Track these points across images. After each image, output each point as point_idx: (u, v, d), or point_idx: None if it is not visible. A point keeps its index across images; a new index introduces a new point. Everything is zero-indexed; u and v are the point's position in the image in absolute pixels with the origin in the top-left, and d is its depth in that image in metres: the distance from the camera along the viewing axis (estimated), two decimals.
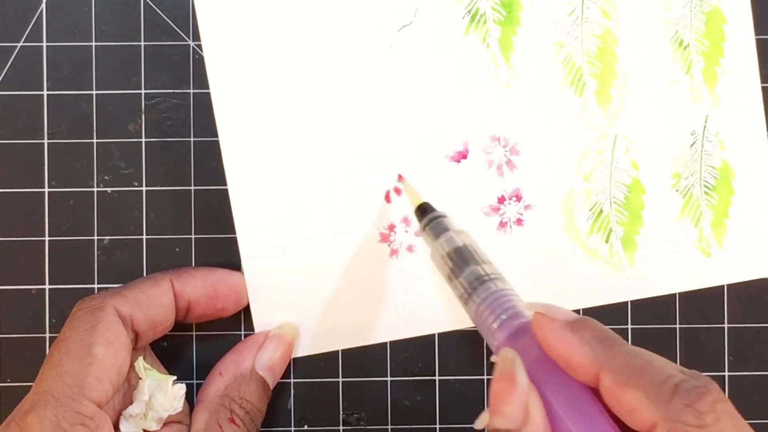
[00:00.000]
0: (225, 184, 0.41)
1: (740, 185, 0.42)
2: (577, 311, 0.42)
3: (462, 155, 0.41)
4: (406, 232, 0.41)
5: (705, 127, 0.42)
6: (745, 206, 0.42)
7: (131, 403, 0.36)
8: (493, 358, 0.31)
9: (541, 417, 0.29)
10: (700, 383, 0.27)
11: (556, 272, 0.42)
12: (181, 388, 0.37)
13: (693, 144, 0.42)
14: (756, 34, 0.42)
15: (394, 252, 0.41)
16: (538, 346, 0.30)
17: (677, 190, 0.42)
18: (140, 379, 0.37)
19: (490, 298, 0.32)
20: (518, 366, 0.29)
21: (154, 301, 0.37)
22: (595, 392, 0.29)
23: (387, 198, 0.41)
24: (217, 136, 0.41)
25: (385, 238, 0.41)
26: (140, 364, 0.37)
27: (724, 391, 0.42)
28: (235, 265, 0.41)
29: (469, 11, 0.41)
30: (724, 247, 0.42)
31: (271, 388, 0.40)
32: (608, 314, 0.42)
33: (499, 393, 0.29)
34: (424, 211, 0.38)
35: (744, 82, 0.42)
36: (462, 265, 0.34)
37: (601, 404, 0.29)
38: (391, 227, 0.41)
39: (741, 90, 0.42)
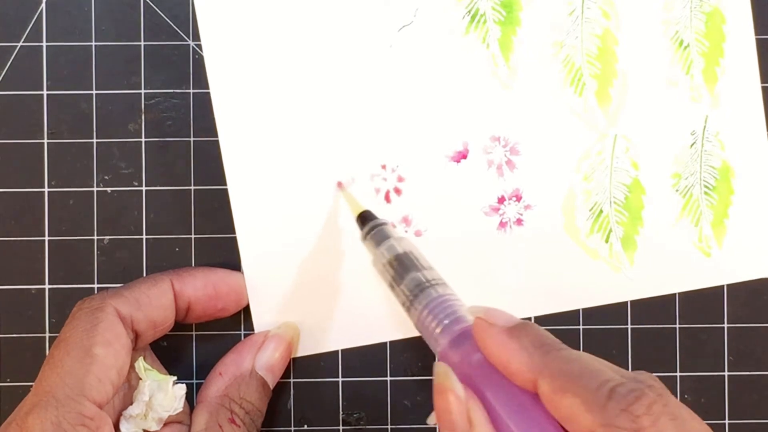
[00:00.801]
0: (225, 184, 0.41)
1: (740, 185, 0.42)
2: (577, 311, 0.42)
3: (462, 155, 0.41)
4: (406, 232, 0.41)
5: (705, 127, 0.42)
6: (745, 206, 0.42)
7: (131, 403, 0.36)
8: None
9: (485, 423, 0.28)
10: (637, 386, 0.26)
11: (556, 272, 0.42)
12: (182, 389, 0.37)
13: (693, 144, 0.42)
14: (756, 34, 0.42)
15: None
16: (480, 350, 0.30)
17: (677, 190, 0.42)
18: (140, 379, 0.37)
19: (431, 304, 0.32)
20: (452, 378, 0.29)
21: (154, 302, 0.37)
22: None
23: (387, 198, 0.41)
24: (217, 136, 0.41)
25: None
26: (140, 364, 0.37)
27: (724, 391, 0.42)
28: (235, 265, 0.41)
29: (469, 11, 0.41)
30: (724, 247, 0.42)
31: (271, 388, 0.40)
32: (608, 314, 0.42)
33: (439, 407, 0.29)
34: (364, 219, 0.38)
35: (744, 82, 0.42)
36: (403, 272, 0.34)
37: (545, 408, 0.28)
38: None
39: (741, 90, 0.42)
